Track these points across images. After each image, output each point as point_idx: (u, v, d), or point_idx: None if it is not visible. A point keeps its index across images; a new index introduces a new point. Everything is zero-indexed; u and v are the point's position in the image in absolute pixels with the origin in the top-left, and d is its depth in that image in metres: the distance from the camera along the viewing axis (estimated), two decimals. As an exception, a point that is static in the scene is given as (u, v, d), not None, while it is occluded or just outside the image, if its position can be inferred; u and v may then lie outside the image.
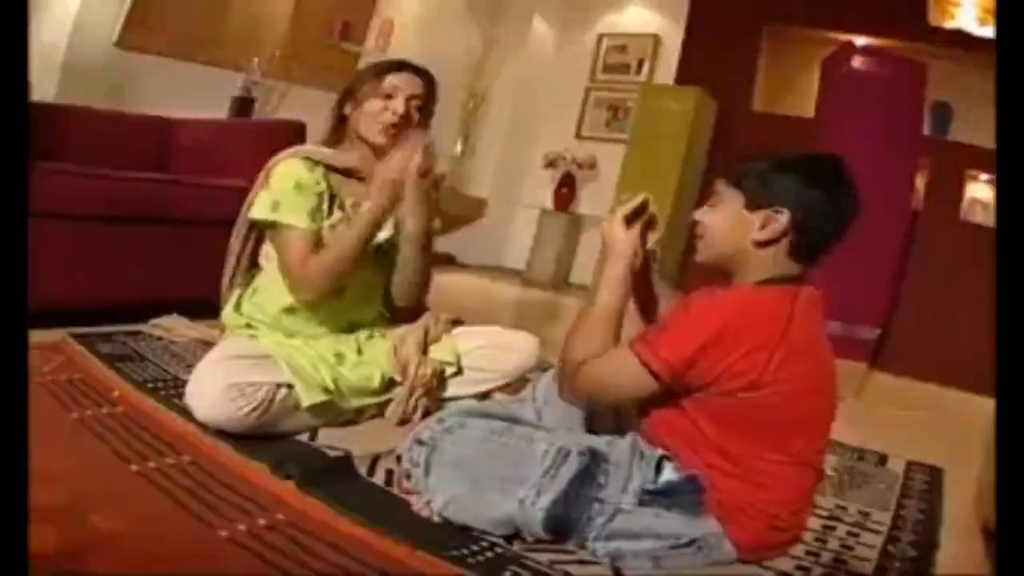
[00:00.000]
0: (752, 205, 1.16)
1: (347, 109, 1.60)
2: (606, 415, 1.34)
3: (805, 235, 1.14)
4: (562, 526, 1.09)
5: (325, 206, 1.53)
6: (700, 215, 1.23)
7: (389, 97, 1.55)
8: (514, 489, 1.09)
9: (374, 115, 1.55)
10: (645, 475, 1.11)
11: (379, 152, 1.56)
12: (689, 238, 1.29)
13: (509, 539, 1.11)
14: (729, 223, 1.18)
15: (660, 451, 1.15)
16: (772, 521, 1.13)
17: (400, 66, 1.59)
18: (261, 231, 1.61)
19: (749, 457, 1.11)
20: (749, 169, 1.18)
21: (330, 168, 1.57)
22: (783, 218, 1.13)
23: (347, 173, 1.60)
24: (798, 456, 1.14)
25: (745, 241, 1.16)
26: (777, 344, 1.07)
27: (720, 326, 1.07)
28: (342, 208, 1.57)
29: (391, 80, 1.55)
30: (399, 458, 1.24)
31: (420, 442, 1.20)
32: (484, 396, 1.68)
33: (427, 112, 1.62)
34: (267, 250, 1.61)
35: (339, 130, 1.63)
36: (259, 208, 1.50)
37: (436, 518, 1.13)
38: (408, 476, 1.21)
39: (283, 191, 1.49)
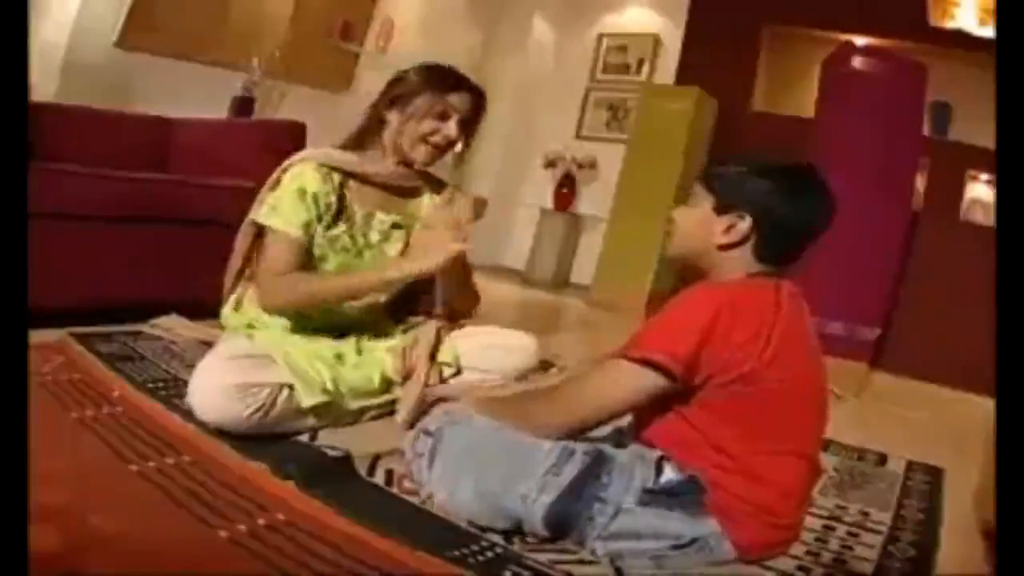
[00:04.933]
0: (719, 208, 1.19)
1: (390, 116, 1.55)
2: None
3: (769, 240, 1.17)
4: (563, 523, 1.09)
5: (329, 216, 1.51)
6: (676, 213, 1.28)
7: (443, 118, 1.51)
8: (517, 484, 1.09)
9: (423, 134, 1.52)
10: (645, 475, 1.11)
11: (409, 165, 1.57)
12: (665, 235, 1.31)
13: (509, 539, 1.11)
14: (696, 223, 1.22)
15: (659, 452, 1.15)
16: (772, 518, 1.13)
17: (459, 84, 1.54)
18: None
19: (747, 453, 1.11)
20: (719, 173, 1.22)
21: (348, 174, 1.54)
22: (745, 224, 1.16)
23: (364, 180, 1.57)
24: (795, 448, 1.15)
25: (709, 243, 1.20)
26: (771, 331, 1.09)
27: (713, 316, 1.08)
28: (352, 219, 1.55)
29: (450, 101, 1.51)
30: (403, 452, 1.25)
31: (427, 433, 1.21)
32: (484, 397, 1.67)
33: (472, 131, 1.59)
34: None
35: (371, 132, 1.58)
36: (261, 209, 1.50)
37: (439, 512, 1.14)
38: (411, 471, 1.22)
39: (284, 196, 1.48)
